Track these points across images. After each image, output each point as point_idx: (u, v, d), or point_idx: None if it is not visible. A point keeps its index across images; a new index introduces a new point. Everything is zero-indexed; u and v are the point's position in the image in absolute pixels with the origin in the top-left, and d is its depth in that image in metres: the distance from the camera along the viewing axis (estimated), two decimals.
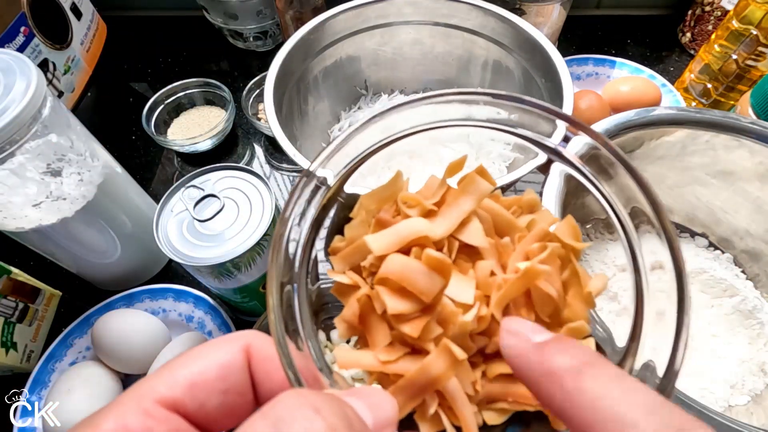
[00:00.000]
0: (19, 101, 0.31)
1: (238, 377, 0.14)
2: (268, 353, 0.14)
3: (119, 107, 0.65)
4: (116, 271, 0.46)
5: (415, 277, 0.14)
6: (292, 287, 0.14)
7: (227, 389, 0.13)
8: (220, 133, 0.57)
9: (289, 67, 0.45)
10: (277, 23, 0.66)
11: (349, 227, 0.16)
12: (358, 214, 0.16)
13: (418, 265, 0.14)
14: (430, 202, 0.16)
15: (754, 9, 0.46)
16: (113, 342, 0.39)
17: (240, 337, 0.15)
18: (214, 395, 0.13)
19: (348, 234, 0.16)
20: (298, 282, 0.15)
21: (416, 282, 0.14)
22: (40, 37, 0.55)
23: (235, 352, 0.14)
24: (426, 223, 0.15)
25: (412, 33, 0.51)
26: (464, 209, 0.15)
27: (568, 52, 0.63)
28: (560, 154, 0.16)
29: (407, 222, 0.15)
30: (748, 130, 0.36)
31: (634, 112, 0.37)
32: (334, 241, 0.16)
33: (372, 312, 0.15)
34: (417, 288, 0.14)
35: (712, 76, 0.53)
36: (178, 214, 0.35)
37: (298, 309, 0.14)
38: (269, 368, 0.14)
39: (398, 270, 0.14)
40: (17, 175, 0.33)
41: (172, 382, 0.13)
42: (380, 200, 0.16)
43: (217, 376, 0.13)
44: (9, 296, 0.41)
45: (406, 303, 0.14)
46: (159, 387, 0.13)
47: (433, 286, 0.14)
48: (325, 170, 0.16)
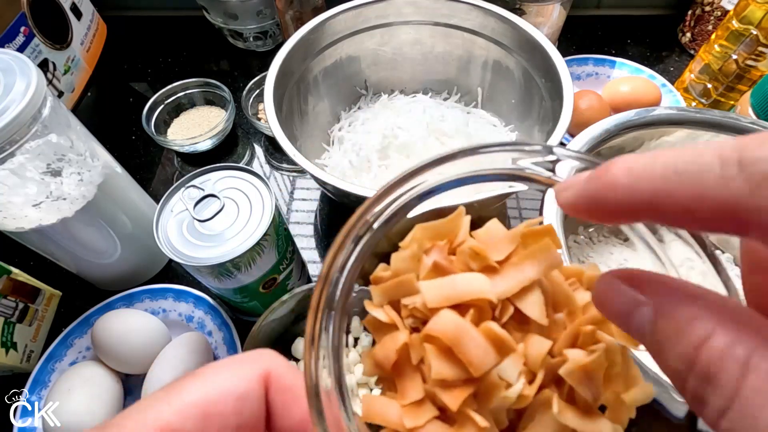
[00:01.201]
0: (19, 101, 0.31)
1: (254, 409, 0.13)
2: (289, 384, 0.13)
3: (119, 107, 0.65)
4: (116, 271, 0.46)
5: (469, 347, 0.13)
6: (330, 325, 0.13)
7: (241, 425, 0.12)
8: (220, 133, 0.57)
9: (289, 67, 0.45)
10: (277, 23, 0.66)
11: (396, 258, 0.15)
12: (409, 246, 0.15)
13: (475, 334, 0.13)
14: (494, 258, 0.14)
15: (754, 9, 0.46)
16: (113, 342, 0.39)
17: (260, 359, 0.13)
18: (227, 430, 0.12)
19: (394, 266, 0.15)
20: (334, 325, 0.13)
21: (469, 352, 0.13)
22: (40, 37, 0.55)
23: (254, 378, 0.13)
24: (488, 283, 0.14)
25: (412, 33, 0.51)
26: (529, 276, 0.14)
27: (568, 52, 0.63)
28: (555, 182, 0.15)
29: (467, 277, 0.14)
30: (748, 130, 0.36)
31: (634, 112, 0.38)
32: (378, 269, 0.15)
33: (407, 361, 0.14)
34: (468, 359, 0.13)
35: (712, 76, 0.53)
36: (178, 214, 0.35)
37: (334, 368, 0.13)
38: (288, 400, 0.13)
39: (452, 333, 0.13)
40: (17, 175, 0.33)
41: (181, 409, 0.12)
42: (437, 236, 0.15)
43: (233, 408, 0.12)
44: (9, 296, 0.41)
45: (453, 369, 0.13)
46: (166, 413, 0.12)
47: (486, 362, 0.13)
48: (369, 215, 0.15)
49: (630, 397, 0.14)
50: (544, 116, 0.43)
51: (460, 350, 0.13)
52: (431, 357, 0.13)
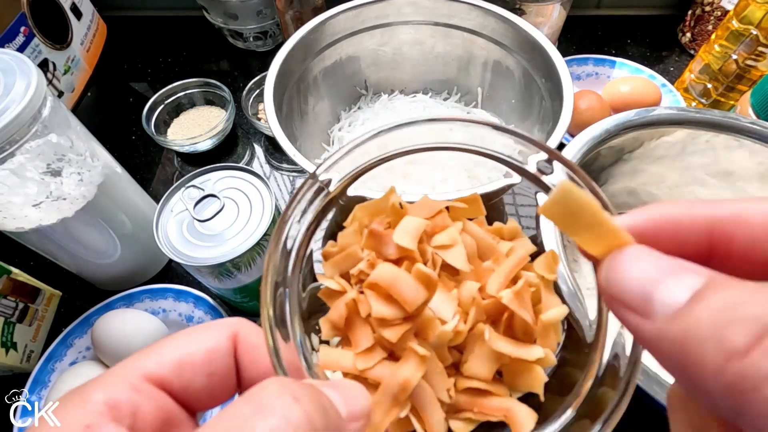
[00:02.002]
0: (19, 101, 0.31)
1: (223, 362, 0.14)
2: (255, 341, 0.15)
3: (119, 107, 0.65)
4: (116, 271, 0.46)
5: (402, 287, 0.15)
6: (285, 283, 0.15)
7: (213, 372, 0.14)
8: (220, 133, 0.57)
9: (289, 67, 0.45)
10: (277, 23, 0.66)
11: (342, 235, 0.17)
12: (351, 224, 0.17)
13: (407, 276, 0.15)
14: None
15: (754, 9, 0.46)
16: (113, 342, 0.39)
17: (228, 323, 0.15)
18: (200, 376, 0.14)
19: (341, 241, 0.17)
20: (291, 279, 0.15)
21: (402, 291, 0.15)
22: (40, 37, 0.55)
23: (223, 337, 0.15)
24: (413, 241, 0.16)
25: (412, 33, 0.51)
26: (451, 235, 0.17)
27: (568, 52, 0.63)
28: (538, 180, 0.17)
29: (396, 237, 0.16)
30: (748, 130, 0.36)
31: (634, 112, 0.37)
32: (327, 246, 0.17)
33: (357, 315, 0.16)
34: (402, 297, 0.15)
35: (712, 76, 0.53)
36: (178, 214, 0.35)
37: (289, 304, 0.15)
38: (254, 356, 0.15)
39: (388, 277, 0.15)
40: (17, 175, 0.33)
41: (160, 361, 0.13)
42: (373, 213, 0.17)
43: (203, 358, 0.14)
44: (9, 296, 0.41)
45: (391, 309, 0.15)
46: (147, 364, 0.13)
47: (417, 297, 0.15)
48: (329, 173, 0.17)
49: (547, 316, 0.16)
50: (544, 116, 0.43)
51: (395, 290, 0.15)
52: (372, 301, 0.15)
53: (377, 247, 0.16)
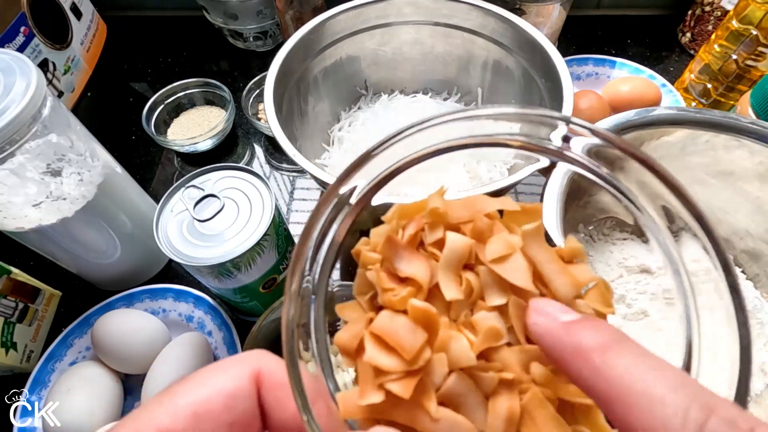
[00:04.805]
0: (19, 101, 0.31)
1: (246, 407, 0.13)
2: (280, 380, 0.13)
3: (119, 107, 0.65)
4: (116, 271, 0.46)
5: (399, 333, 0.13)
6: (309, 300, 0.13)
7: (234, 421, 0.13)
8: (220, 133, 0.57)
9: (289, 67, 0.45)
10: (277, 23, 0.66)
11: (375, 232, 0.15)
12: (390, 222, 0.15)
13: (402, 320, 0.13)
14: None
15: (754, 9, 0.46)
16: (113, 342, 0.39)
17: (249, 359, 0.14)
18: (220, 428, 0.12)
19: (373, 240, 0.15)
20: (316, 296, 0.14)
21: (399, 338, 0.13)
22: (40, 37, 0.55)
23: (244, 377, 0.13)
24: (427, 273, 0.14)
25: (412, 33, 0.51)
26: (511, 241, 0.14)
27: (568, 52, 0.63)
28: (566, 155, 0.15)
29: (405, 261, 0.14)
30: (748, 130, 0.36)
31: (634, 112, 0.37)
32: (360, 243, 0.15)
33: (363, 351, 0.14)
34: (400, 344, 0.13)
35: (712, 76, 0.53)
36: (178, 214, 0.35)
37: (314, 332, 0.13)
38: (281, 395, 0.13)
39: (385, 326, 0.13)
40: (17, 175, 0.33)
41: (174, 411, 0.12)
42: (415, 213, 0.15)
43: (224, 406, 0.13)
44: (9, 296, 0.41)
45: (390, 359, 0.13)
46: (160, 416, 0.12)
47: (415, 342, 0.13)
48: (352, 181, 0.15)
49: None
50: None
51: (390, 338, 0.13)
52: (369, 348, 0.13)
53: (390, 256, 0.14)
